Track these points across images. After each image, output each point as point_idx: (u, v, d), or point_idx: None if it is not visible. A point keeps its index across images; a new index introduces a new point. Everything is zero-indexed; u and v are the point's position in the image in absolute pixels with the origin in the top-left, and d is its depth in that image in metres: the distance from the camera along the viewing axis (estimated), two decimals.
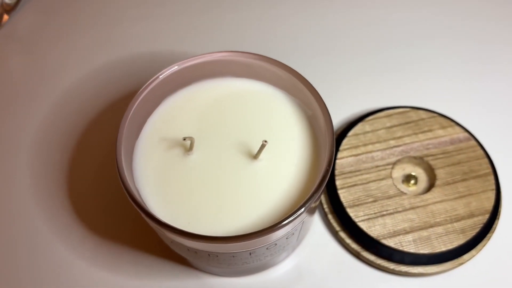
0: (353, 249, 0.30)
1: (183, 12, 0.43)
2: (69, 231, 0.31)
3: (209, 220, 0.24)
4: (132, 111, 0.25)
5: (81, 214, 0.32)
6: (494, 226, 0.30)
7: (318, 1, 0.43)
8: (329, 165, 0.23)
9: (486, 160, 0.32)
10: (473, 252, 0.29)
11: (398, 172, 0.32)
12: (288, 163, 0.25)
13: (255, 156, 0.25)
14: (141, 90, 0.26)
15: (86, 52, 0.40)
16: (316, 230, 0.31)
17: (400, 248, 0.28)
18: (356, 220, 0.29)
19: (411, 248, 0.28)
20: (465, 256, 0.29)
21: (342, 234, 0.30)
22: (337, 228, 0.30)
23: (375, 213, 0.30)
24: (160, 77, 0.26)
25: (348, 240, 0.30)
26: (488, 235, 0.29)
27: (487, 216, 0.29)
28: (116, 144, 0.24)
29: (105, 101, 0.37)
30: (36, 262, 0.30)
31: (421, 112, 0.34)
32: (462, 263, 0.29)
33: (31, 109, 0.37)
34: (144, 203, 0.23)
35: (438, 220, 0.29)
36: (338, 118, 0.35)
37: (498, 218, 0.30)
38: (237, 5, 0.43)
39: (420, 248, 0.28)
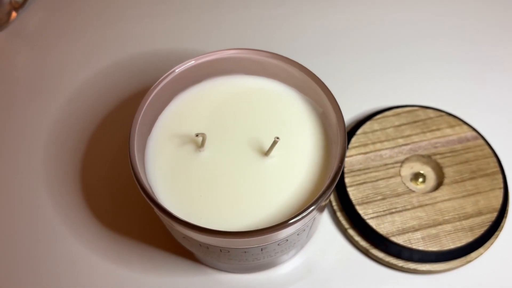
0: (362, 246, 0.30)
1: (193, 11, 0.43)
2: (81, 226, 0.32)
3: (221, 216, 0.24)
4: (145, 106, 0.25)
5: (93, 209, 0.32)
6: (502, 224, 0.30)
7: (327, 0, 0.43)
8: (341, 161, 0.23)
9: (494, 159, 0.32)
10: (481, 250, 0.29)
11: (407, 170, 0.32)
12: (299, 160, 0.26)
13: (266, 153, 0.25)
14: (155, 85, 0.26)
15: (95, 49, 0.40)
16: (325, 228, 0.31)
17: (409, 246, 0.29)
18: (365, 217, 0.30)
19: (419, 246, 0.29)
20: (473, 254, 0.29)
21: (351, 232, 0.30)
22: (346, 225, 0.30)
23: (384, 211, 0.30)
24: (176, 71, 0.26)
25: (357, 238, 0.30)
26: (496, 233, 0.30)
27: (495, 214, 0.30)
28: (129, 140, 0.24)
29: (116, 99, 0.37)
30: (48, 254, 0.31)
31: (429, 111, 0.34)
32: (470, 261, 0.29)
33: (40, 106, 0.37)
34: (157, 198, 0.23)
35: (446, 218, 0.29)
36: (347, 117, 0.36)
37: (506, 217, 0.30)
38: (246, 3, 0.43)
39: (428, 245, 0.29)
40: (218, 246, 0.24)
